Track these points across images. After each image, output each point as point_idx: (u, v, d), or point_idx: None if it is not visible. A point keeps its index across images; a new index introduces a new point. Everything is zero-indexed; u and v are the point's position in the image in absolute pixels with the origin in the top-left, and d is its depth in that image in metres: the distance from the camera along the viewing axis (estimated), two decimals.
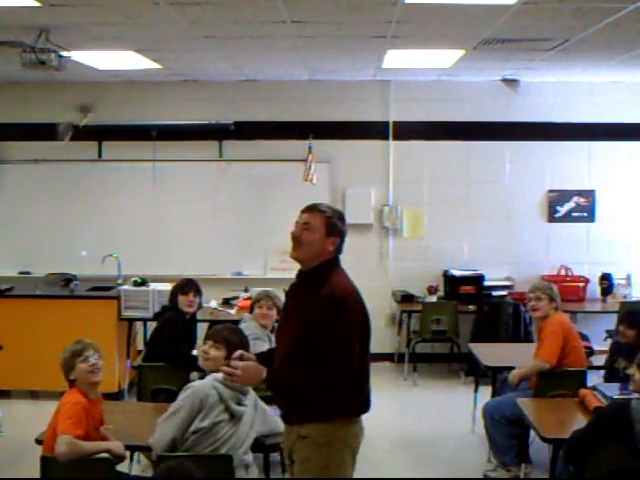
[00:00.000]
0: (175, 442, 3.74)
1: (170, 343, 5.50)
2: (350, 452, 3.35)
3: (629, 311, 5.85)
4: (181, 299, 5.76)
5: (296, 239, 3.41)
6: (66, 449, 3.66)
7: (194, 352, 5.71)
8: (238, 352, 3.43)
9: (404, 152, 8.66)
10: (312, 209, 3.46)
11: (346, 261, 3.48)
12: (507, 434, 5.28)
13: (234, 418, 3.79)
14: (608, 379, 5.28)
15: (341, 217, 3.48)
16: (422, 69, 7.80)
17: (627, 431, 3.73)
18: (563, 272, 8.52)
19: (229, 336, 4.00)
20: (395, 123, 8.64)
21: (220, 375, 3.82)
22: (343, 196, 8.65)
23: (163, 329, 5.76)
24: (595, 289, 8.43)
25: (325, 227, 3.39)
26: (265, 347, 5.43)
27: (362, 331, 3.33)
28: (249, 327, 5.46)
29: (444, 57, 6.96)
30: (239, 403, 3.82)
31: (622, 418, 3.78)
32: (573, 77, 8.20)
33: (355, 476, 3.45)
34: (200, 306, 5.99)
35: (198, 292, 5.86)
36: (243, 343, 4.02)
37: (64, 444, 3.66)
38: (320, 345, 3.18)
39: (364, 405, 3.39)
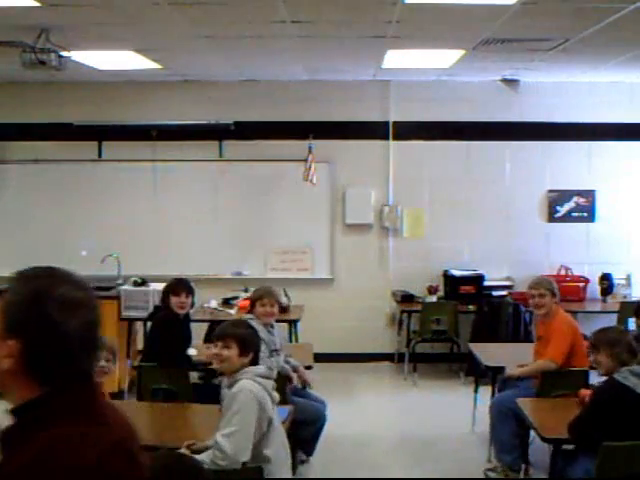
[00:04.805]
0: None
1: (163, 343, 5.47)
2: None
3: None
4: (173, 300, 5.66)
5: None
6: None
7: (190, 351, 5.70)
8: None
9: (404, 152, 8.66)
10: None
11: (346, 261, 3.47)
12: (512, 431, 5.22)
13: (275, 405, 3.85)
14: None
15: None
16: (422, 69, 7.80)
17: (628, 401, 3.75)
18: (563, 272, 8.51)
19: (236, 331, 3.90)
20: (395, 123, 8.64)
21: (257, 369, 3.80)
22: (343, 196, 8.66)
23: (156, 329, 5.75)
24: (595, 289, 8.44)
25: None
26: (266, 347, 5.40)
27: None
28: None
29: (444, 57, 6.96)
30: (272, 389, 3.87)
31: (618, 391, 3.80)
32: (573, 77, 8.20)
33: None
34: (192, 305, 5.90)
35: (190, 292, 5.74)
36: (251, 334, 3.94)
37: None
38: None
39: None
